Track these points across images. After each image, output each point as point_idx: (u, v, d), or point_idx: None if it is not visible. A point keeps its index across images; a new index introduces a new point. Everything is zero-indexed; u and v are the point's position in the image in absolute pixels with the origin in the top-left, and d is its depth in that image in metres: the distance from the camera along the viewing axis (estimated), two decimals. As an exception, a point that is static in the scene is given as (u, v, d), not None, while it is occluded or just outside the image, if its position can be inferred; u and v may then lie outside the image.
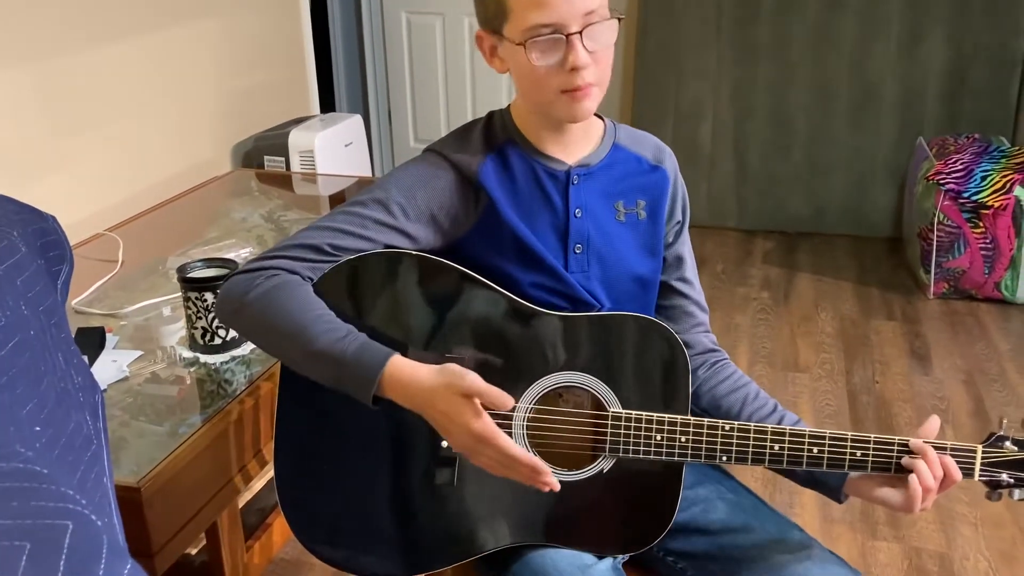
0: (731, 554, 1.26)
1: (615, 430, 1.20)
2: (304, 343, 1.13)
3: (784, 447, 1.18)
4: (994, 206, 3.26)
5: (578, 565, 1.22)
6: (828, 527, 2.26)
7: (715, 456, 1.19)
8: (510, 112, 1.28)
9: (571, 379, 1.21)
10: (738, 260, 3.91)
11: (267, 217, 2.52)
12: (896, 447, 1.17)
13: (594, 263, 1.28)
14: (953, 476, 1.16)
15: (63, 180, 2.44)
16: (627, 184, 1.30)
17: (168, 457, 1.42)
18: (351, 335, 1.14)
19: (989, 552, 2.17)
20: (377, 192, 1.23)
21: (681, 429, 1.18)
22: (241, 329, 1.24)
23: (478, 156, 1.25)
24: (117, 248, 2.28)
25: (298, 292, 1.16)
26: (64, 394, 0.84)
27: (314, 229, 1.21)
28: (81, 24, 2.47)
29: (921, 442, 1.17)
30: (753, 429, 1.18)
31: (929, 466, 1.15)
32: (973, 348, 3.13)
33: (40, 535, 0.55)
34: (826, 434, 1.17)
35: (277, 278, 1.17)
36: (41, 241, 0.98)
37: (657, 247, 1.33)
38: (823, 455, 1.17)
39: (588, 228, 1.27)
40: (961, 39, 3.76)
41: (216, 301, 1.21)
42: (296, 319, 1.14)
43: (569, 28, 1.13)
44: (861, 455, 1.17)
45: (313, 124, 3.25)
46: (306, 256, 1.19)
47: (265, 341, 1.20)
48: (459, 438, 1.11)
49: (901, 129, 3.93)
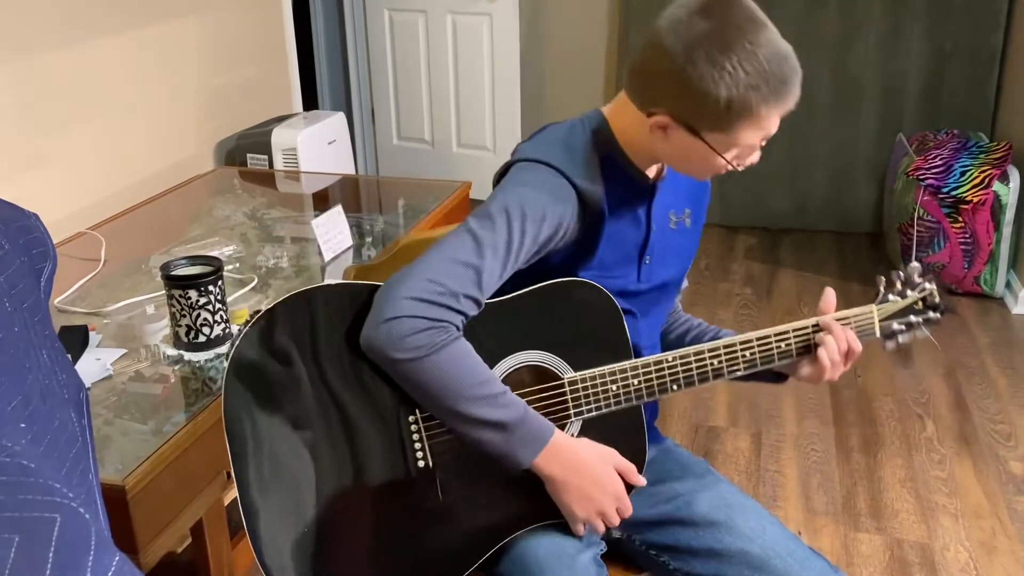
0: (713, 548, 1.27)
1: (575, 394, 1.24)
2: (478, 409, 1.14)
3: (722, 360, 1.27)
4: (973, 201, 3.29)
5: (558, 555, 1.23)
6: (811, 519, 2.28)
7: (667, 387, 1.26)
8: (609, 126, 1.26)
9: (520, 360, 1.24)
10: (721, 256, 3.93)
11: (250, 215, 2.52)
12: (811, 328, 1.29)
13: (655, 272, 1.35)
14: (855, 349, 1.28)
15: (45, 178, 2.43)
16: (681, 193, 1.37)
17: (153, 455, 1.41)
18: (520, 404, 1.17)
19: (969, 543, 2.20)
20: (515, 223, 1.18)
21: (632, 373, 1.25)
22: (400, 377, 1.16)
23: (598, 183, 1.24)
24: (100, 246, 2.27)
25: (472, 355, 1.16)
26: (49, 391, 0.84)
27: (474, 273, 1.16)
28: (63, 21, 2.45)
29: (828, 318, 1.29)
30: (692, 353, 1.26)
31: (836, 340, 1.27)
32: (953, 341, 3.16)
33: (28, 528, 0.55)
34: (753, 337, 1.28)
35: (453, 333, 1.15)
36: (24, 239, 0.97)
37: (692, 252, 1.42)
38: (755, 356, 1.28)
39: (656, 240, 1.33)
40: (940, 36, 3.80)
41: (377, 341, 1.13)
42: (474, 385, 1.14)
43: (760, 141, 1.19)
44: (786, 346, 1.29)
45: (296, 122, 3.24)
46: (469, 312, 1.17)
47: (426, 399, 1.16)
48: (595, 502, 1.22)
49: (881, 125, 3.96)
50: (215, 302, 1.70)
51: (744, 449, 2.58)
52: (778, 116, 1.16)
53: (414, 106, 4.48)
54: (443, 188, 2.73)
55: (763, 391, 2.84)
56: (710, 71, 1.10)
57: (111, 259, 2.20)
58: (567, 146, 1.25)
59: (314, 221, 2.21)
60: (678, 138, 1.18)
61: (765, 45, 1.11)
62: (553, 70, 4.39)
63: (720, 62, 1.10)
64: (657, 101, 1.17)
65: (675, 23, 1.13)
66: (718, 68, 1.10)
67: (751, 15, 1.13)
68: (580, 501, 1.21)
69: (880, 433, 2.64)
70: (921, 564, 2.13)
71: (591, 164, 1.24)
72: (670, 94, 1.15)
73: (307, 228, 2.38)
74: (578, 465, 1.20)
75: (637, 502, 1.36)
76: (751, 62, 1.10)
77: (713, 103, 1.11)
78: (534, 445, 1.17)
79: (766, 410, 2.77)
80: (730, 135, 1.15)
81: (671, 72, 1.13)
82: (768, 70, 1.11)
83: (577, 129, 1.27)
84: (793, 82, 1.14)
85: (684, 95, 1.13)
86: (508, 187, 1.22)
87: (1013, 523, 2.26)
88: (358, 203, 2.76)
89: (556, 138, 1.26)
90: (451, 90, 4.35)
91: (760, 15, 1.14)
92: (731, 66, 1.10)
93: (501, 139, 4.31)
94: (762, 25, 1.12)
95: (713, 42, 1.10)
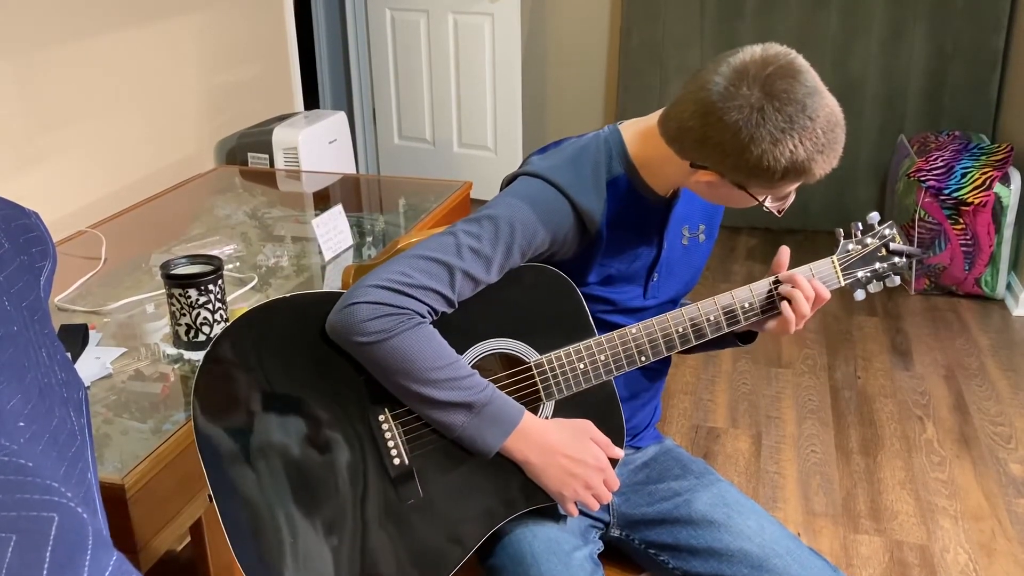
0: (712, 547, 1.28)
1: (543, 376, 1.25)
2: (444, 392, 1.16)
3: (686, 327, 1.27)
4: (974, 203, 3.29)
5: (555, 551, 1.23)
6: (810, 520, 2.28)
7: (635, 359, 1.26)
8: (625, 145, 1.26)
9: (486, 348, 1.24)
10: (722, 256, 3.93)
11: (251, 214, 2.52)
12: (771, 286, 1.29)
13: (663, 288, 1.35)
14: (823, 295, 1.28)
15: (45, 177, 2.43)
16: (695, 209, 1.36)
17: (152, 454, 1.41)
18: (488, 390, 1.19)
19: (969, 544, 2.19)
20: (503, 232, 1.20)
21: (597, 349, 1.25)
22: (365, 359, 1.18)
23: (600, 202, 1.24)
24: (100, 245, 2.27)
25: (436, 339, 1.18)
26: (48, 390, 0.84)
27: (445, 270, 1.18)
28: (64, 19, 2.45)
29: (788, 272, 1.29)
30: (655, 323, 1.27)
31: (801, 289, 1.26)
32: (954, 343, 3.16)
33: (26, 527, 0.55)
34: (716, 301, 1.28)
35: (421, 325, 1.17)
36: (23, 237, 0.97)
37: (702, 263, 1.41)
38: (720, 320, 1.28)
39: (665, 257, 1.33)
40: (942, 37, 3.79)
41: (340, 324, 1.16)
42: (439, 367, 1.16)
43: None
44: (749, 305, 1.29)
45: (297, 121, 3.24)
46: (436, 306, 1.18)
47: (390, 380, 1.18)
48: (578, 478, 1.21)
49: (882, 126, 3.96)
50: (215, 301, 1.70)
51: (744, 450, 2.58)
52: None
53: (415, 106, 4.48)
54: (444, 188, 2.73)
55: (763, 392, 2.84)
56: (772, 150, 1.09)
57: (111, 258, 2.20)
58: (575, 164, 1.25)
59: (314, 220, 2.21)
60: (722, 188, 1.18)
61: (822, 116, 1.10)
62: (555, 70, 4.39)
63: (782, 141, 1.09)
64: (707, 161, 1.15)
65: (733, 94, 1.09)
66: (780, 147, 1.09)
67: (812, 88, 1.10)
68: (562, 479, 1.21)
69: (880, 435, 2.64)
70: (921, 566, 2.13)
71: (597, 185, 1.24)
72: (726, 163, 1.13)
73: (307, 227, 2.38)
74: (552, 445, 1.21)
75: (637, 502, 1.37)
76: (811, 138, 1.10)
77: (770, 174, 1.11)
78: (502, 428, 1.18)
79: (766, 411, 2.77)
80: (775, 189, 1.16)
81: (731, 146, 1.10)
82: (824, 141, 1.11)
83: (591, 148, 1.26)
84: (841, 140, 1.14)
85: (740, 165, 1.12)
86: (506, 198, 1.23)
87: (1013, 525, 2.25)
88: (359, 202, 2.76)
89: (566, 155, 1.26)
90: (452, 90, 4.35)
91: (818, 83, 1.11)
92: (792, 145, 1.09)
93: (502, 139, 4.31)
94: (819, 94, 1.10)
95: (776, 123, 1.08)
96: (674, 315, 1.27)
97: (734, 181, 1.15)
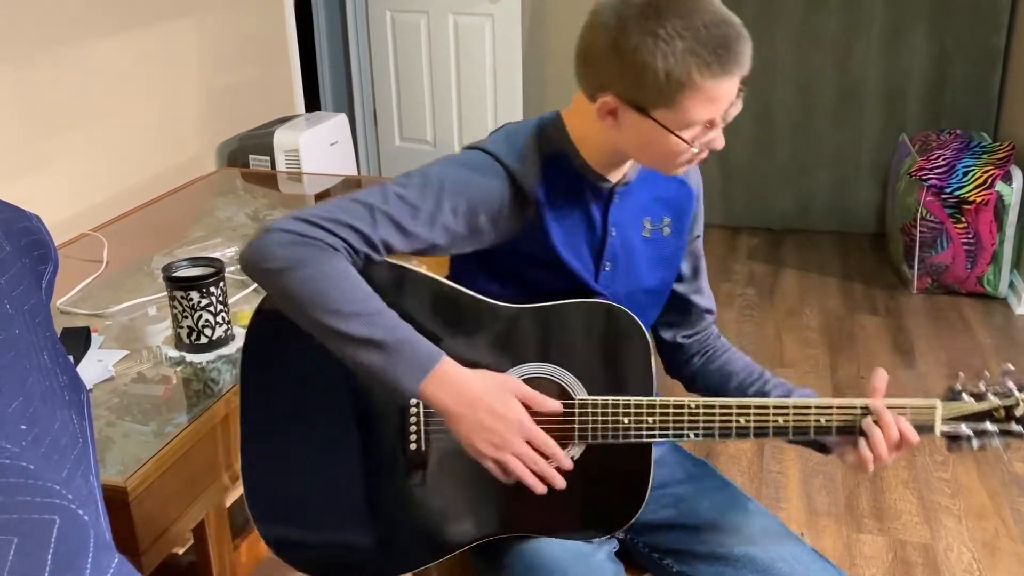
0: (716, 552, 1.27)
1: (583, 417, 1.20)
2: (355, 326, 1.09)
3: (750, 420, 1.18)
4: (976, 201, 3.29)
5: (574, 554, 1.22)
6: (814, 520, 2.28)
7: (683, 434, 1.20)
8: (565, 125, 1.23)
9: (536, 371, 1.22)
10: (724, 257, 3.93)
11: (252, 216, 2.52)
12: (859, 411, 1.18)
13: (619, 279, 1.30)
14: (910, 440, 1.16)
15: (47, 180, 2.43)
16: (656, 201, 1.31)
17: (154, 456, 1.41)
18: (403, 326, 1.12)
19: (972, 543, 2.19)
20: (432, 184, 1.17)
21: (648, 410, 1.19)
22: (275, 290, 1.14)
23: (535, 170, 1.21)
24: (102, 248, 2.27)
25: (351, 272, 1.12)
26: (49, 393, 0.84)
27: (366, 209, 1.15)
28: (64, 22, 2.45)
29: (881, 405, 1.17)
30: (719, 405, 1.19)
31: (885, 432, 1.16)
32: (956, 342, 3.15)
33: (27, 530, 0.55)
34: (790, 404, 1.18)
35: (333, 255, 1.12)
36: (25, 240, 0.97)
37: (675, 261, 1.35)
38: (788, 424, 1.18)
39: (618, 246, 1.28)
40: (942, 36, 3.79)
41: (250, 252, 1.12)
42: (351, 300, 1.10)
43: (719, 120, 1.12)
44: (825, 421, 1.18)
45: (298, 123, 3.24)
46: (353, 243, 1.14)
47: (302, 313, 1.12)
48: (495, 433, 1.12)
49: (884, 126, 3.95)
50: (217, 303, 1.70)
51: (746, 450, 2.57)
52: (727, 87, 1.08)
53: (416, 107, 4.48)
54: (445, 189, 2.72)
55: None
56: (644, 40, 1.05)
57: (113, 260, 2.20)
58: (509, 136, 1.24)
59: (316, 222, 2.21)
60: (629, 122, 1.13)
61: (704, 10, 1.06)
62: (555, 71, 4.39)
63: (654, 29, 1.05)
64: (600, 83, 1.12)
65: (614, 3, 1.09)
66: (652, 36, 1.05)
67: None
68: (478, 432, 1.12)
69: (883, 434, 2.64)
70: (924, 565, 2.13)
71: (530, 154, 1.21)
72: (610, 72, 1.10)
73: (309, 229, 2.37)
74: (470, 393, 1.12)
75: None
76: (687, 27, 1.04)
77: (652, 75, 1.06)
78: (418, 369, 1.10)
79: (769, 411, 2.76)
80: (677, 111, 1.09)
81: (607, 47, 1.08)
82: (707, 35, 1.05)
83: (530, 124, 1.25)
84: (738, 49, 1.07)
85: (623, 71, 1.08)
86: (437, 163, 1.22)
87: (1016, 524, 2.25)
88: (360, 204, 2.76)
89: (503, 131, 1.26)
90: (453, 91, 4.35)
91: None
92: (666, 33, 1.04)
93: (503, 140, 4.31)
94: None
95: (646, 10, 1.05)
96: (740, 404, 1.19)
97: (629, 101, 1.10)
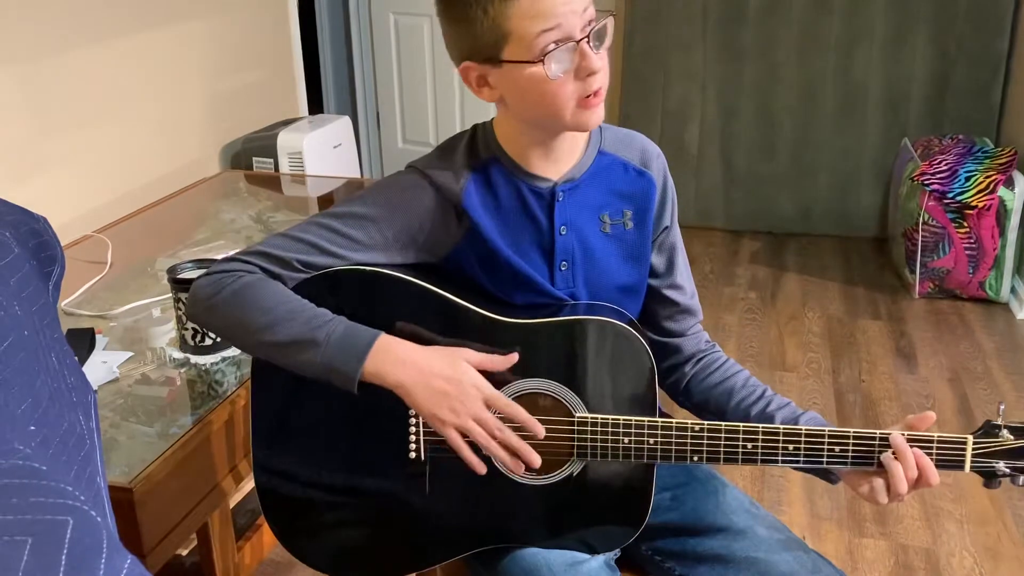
0: (719, 555, 1.26)
1: (582, 434, 1.19)
2: (284, 331, 1.13)
3: (757, 446, 1.15)
4: (978, 206, 3.29)
5: (569, 562, 1.22)
6: (816, 524, 2.28)
7: (685, 457, 1.17)
8: (493, 130, 1.24)
9: (536, 386, 1.20)
10: (726, 260, 3.93)
11: (256, 218, 2.52)
12: (877, 442, 1.14)
13: (580, 278, 1.27)
14: (929, 480, 1.12)
15: (51, 181, 2.44)
16: (613, 195, 1.27)
17: (159, 458, 1.42)
18: (336, 320, 1.15)
19: (974, 548, 2.19)
20: (356, 207, 1.21)
21: (649, 431, 1.17)
22: (215, 326, 1.22)
23: (461, 177, 1.21)
24: (106, 249, 2.27)
25: (269, 285, 1.17)
26: (57, 394, 0.85)
27: (286, 239, 1.21)
28: (68, 25, 2.46)
29: (902, 439, 1.13)
30: (724, 429, 1.16)
31: (904, 468, 1.11)
32: (958, 347, 3.15)
33: (41, 530, 0.55)
34: (802, 431, 1.15)
35: (248, 276, 1.18)
36: (33, 242, 0.98)
37: (643, 255, 1.30)
38: (799, 452, 1.15)
39: (573, 245, 1.25)
40: (945, 41, 3.79)
41: (187, 303, 1.22)
42: (273, 309, 1.14)
43: (575, 34, 1.10)
44: (840, 451, 1.14)
45: (301, 126, 3.25)
46: (272, 268, 1.19)
47: (241, 336, 1.18)
48: (451, 398, 1.12)
49: (886, 130, 3.96)
50: (221, 305, 1.70)
51: (748, 454, 2.57)
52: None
53: (419, 109, 4.49)
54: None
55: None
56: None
57: (117, 262, 2.21)
58: (443, 150, 1.26)
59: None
60: (498, 81, 1.14)
61: None
62: (558, 74, 4.39)
63: None
64: (458, 58, 1.15)
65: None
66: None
67: None
68: (434, 399, 1.11)
69: (885, 438, 2.64)
70: (926, 570, 2.13)
71: (458, 161, 1.23)
72: (455, 43, 1.15)
73: (312, 231, 2.38)
74: (418, 363, 1.12)
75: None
76: None
77: (480, 21, 1.08)
78: (356, 352, 1.11)
79: (770, 415, 2.77)
80: (516, 40, 1.08)
81: (443, 24, 1.14)
82: None
83: (460, 136, 1.27)
84: None
85: (460, 33, 1.12)
86: (369, 187, 1.27)
87: (1019, 528, 2.25)
88: (363, 207, 2.77)
89: (439, 146, 1.28)
90: (456, 93, 4.36)
91: None
92: None
93: (506, 143, 4.32)
94: None
95: None
96: (748, 428, 1.16)
97: (482, 57, 1.12)
